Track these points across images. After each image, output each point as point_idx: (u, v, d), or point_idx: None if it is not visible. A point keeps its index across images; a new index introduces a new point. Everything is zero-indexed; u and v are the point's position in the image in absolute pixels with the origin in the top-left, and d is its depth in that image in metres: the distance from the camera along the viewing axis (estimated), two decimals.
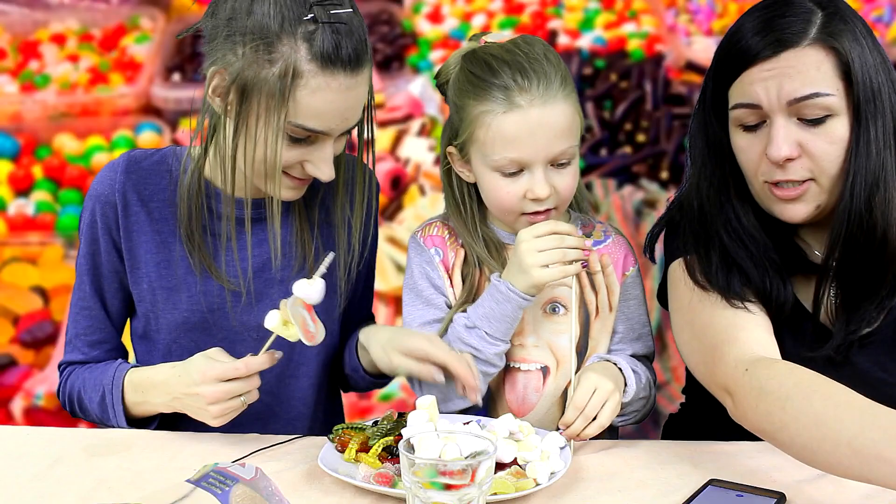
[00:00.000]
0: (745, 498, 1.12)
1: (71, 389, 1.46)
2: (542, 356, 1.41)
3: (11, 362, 2.97)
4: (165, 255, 1.41)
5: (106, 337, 1.46)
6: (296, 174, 1.32)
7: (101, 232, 1.41)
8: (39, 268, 3.09)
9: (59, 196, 3.18)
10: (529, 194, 1.33)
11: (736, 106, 1.26)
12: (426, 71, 3.25)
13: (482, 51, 1.37)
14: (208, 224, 1.40)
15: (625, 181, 3.10)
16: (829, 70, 1.21)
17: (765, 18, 1.25)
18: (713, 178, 1.34)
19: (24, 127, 3.23)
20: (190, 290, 1.41)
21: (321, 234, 1.45)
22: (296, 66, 1.22)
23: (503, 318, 1.32)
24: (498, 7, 3.41)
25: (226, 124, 1.31)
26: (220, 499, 0.91)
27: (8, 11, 3.33)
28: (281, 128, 1.25)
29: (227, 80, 1.26)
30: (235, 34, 1.24)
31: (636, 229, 3.02)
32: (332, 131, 1.28)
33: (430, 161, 3.07)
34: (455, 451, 1.01)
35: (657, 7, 3.35)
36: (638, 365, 1.41)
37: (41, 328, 3.01)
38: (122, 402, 1.37)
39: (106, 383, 1.39)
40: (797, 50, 1.21)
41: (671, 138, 3.12)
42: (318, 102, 1.24)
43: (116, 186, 1.40)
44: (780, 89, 1.21)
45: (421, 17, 3.40)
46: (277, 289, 1.43)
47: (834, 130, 1.23)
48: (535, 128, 1.30)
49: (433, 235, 1.46)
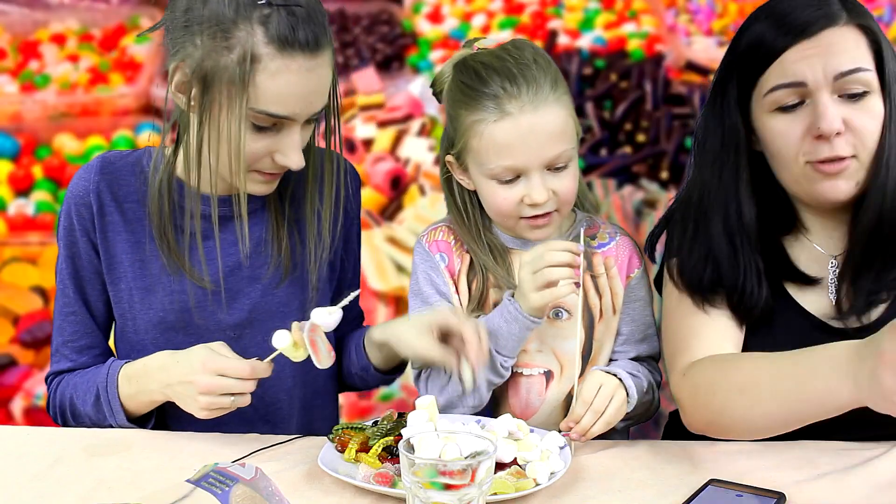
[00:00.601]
0: (744, 498, 1.12)
1: (62, 398, 1.44)
2: (545, 361, 1.41)
3: (11, 362, 2.97)
4: (140, 255, 1.41)
5: (93, 342, 1.46)
6: (265, 168, 1.31)
7: (80, 234, 1.41)
8: (39, 268, 3.09)
9: (59, 196, 3.18)
10: (527, 199, 1.33)
11: (775, 88, 1.28)
12: (426, 71, 3.25)
13: (472, 59, 1.37)
14: (180, 223, 1.39)
15: (625, 181, 3.10)
16: (865, 48, 1.27)
17: (787, 8, 1.29)
18: (724, 170, 1.35)
19: (24, 127, 3.23)
20: (165, 290, 1.40)
21: (296, 229, 1.45)
22: (253, 50, 1.22)
23: (510, 336, 1.33)
24: (498, 7, 3.41)
25: (191, 120, 1.30)
26: (220, 499, 0.91)
27: (8, 11, 3.33)
28: (244, 115, 1.24)
29: (188, 73, 1.26)
30: (193, 24, 1.24)
31: (636, 229, 3.02)
32: (297, 116, 1.27)
33: (430, 161, 3.07)
34: (455, 451, 1.01)
35: (657, 7, 3.35)
36: (639, 369, 1.41)
37: (41, 328, 3.01)
38: (118, 397, 1.37)
39: (100, 382, 1.38)
40: (837, 28, 1.26)
41: (671, 138, 3.12)
42: (279, 86, 1.24)
43: (91, 187, 1.40)
44: (825, 65, 1.25)
45: (421, 17, 3.40)
46: (252, 286, 1.42)
47: (873, 106, 1.27)
48: (528, 134, 1.30)
49: (438, 241, 1.46)
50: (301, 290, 1.45)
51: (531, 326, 1.33)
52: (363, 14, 3.38)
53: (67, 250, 1.43)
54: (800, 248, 1.39)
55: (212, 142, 1.28)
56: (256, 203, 1.43)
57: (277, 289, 1.43)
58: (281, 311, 1.43)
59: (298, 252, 1.44)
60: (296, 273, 1.44)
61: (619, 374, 1.35)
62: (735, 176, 1.35)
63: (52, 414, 1.48)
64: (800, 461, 1.25)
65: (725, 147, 1.35)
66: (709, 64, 3.13)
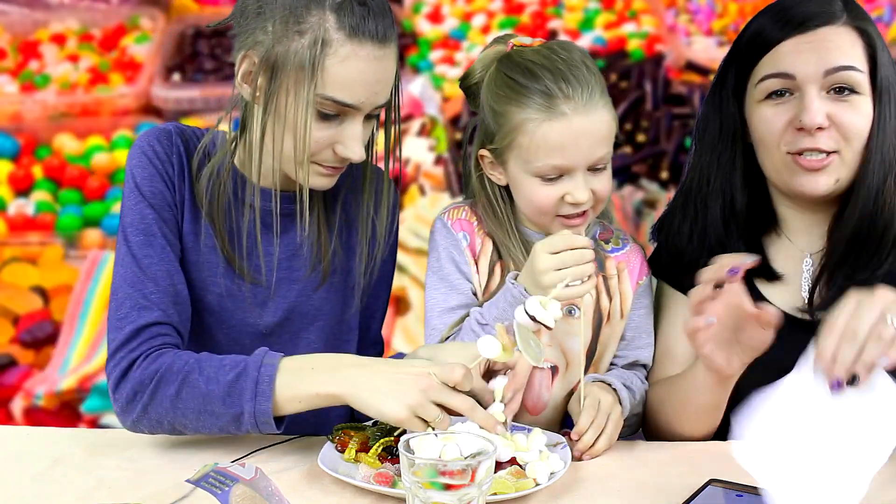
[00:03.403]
0: (744, 498, 1.12)
1: (168, 368, 1.23)
2: (553, 355, 1.41)
3: (11, 362, 2.97)
4: (196, 230, 1.37)
5: (183, 299, 1.33)
6: (326, 160, 1.31)
7: (166, 185, 1.35)
8: (39, 268, 3.10)
9: (59, 196, 3.18)
10: (569, 198, 1.34)
11: (767, 77, 1.32)
12: (426, 71, 3.25)
13: (519, 55, 1.37)
14: (234, 213, 1.37)
15: (625, 181, 3.10)
16: (859, 50, 1.30)
17: (791, 2, 1.33)
18: (722, 157, 1.40)
19: (24, 127, 3.24)
20: (210, 271, 1.37)
21: (340, 236, 1.43)
22: (325, 35, 1.24)
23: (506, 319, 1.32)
24: (498, 7, 3.41)
25: (255, 112, 1.31)
26: (220, 499, 0.91)
27: (8, 11, 3.34)
28: (311, 101, 1.25)
29: (257, 62, 1.27)
30: (265, 11, 1.26)
31: (636, 229, 3.02)
32: (362, 105, 1.28)
33: (431, 161, 3.07)
34: (455, 451, 1.01)
35: (657, 7, 3.35)
36: (633, 380, 1.41)
37: (41, 328, 3.01)
38: (273, 380, 1.20)
39: (251, 360, 1.22)
40: (834, 27, 1.29)
41: (671, 138, 3.12)
42: (348, 71, 1.25)
43: (174, 150, 1.37)
44: (817, 59, 1.28)
45: (421, 17, 3.40)
46: (289, 287, 1.41)
47: (861, 105, 1.29)
48: (579, 135, 1.31)
49: (461, 220, 1.45)
50: (339, 295, 1.43)
51: None
52: None
53: (153, 199, 1.33)
54: (778, 246, 1.42)
55: (276, 130, 1.28)
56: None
57: (315, 292, 1.42)
58: (315, 314, 1.43)
59: (340, 257, 1.43)
60: (335, 278, 1.43)
61: (613, 382, 1.36)
62: (731, 165, 1.40)
63: (128, 391, 1.24)
64: None
65: (723, 136, 1.40)
66: (709, 64, 3.13)
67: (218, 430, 1.23)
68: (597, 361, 1.44)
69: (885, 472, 1.19)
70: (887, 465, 1.21)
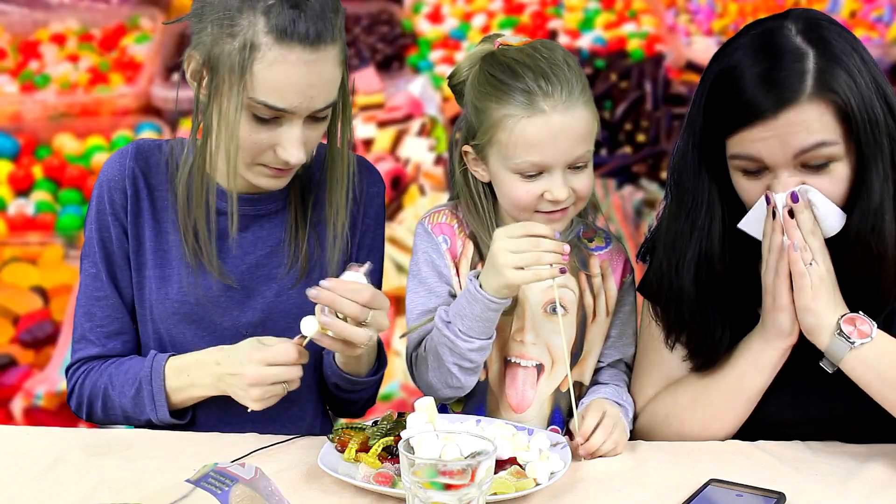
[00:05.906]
0: (744, 498, 1.13)
1: (92, 388, 1.41)
2: (538, 354, 1.42)
3: (11, 362, 2.97)
4: (162, 244, 1.41)
5: (123, 327, 1.44)
6: (269, 161, 1.32)
7: (112, 218, 1.41)
8: (39, 268, 3.09)
9: (59, 196, 3.18)
10: (548, 195, 1.34)
11: (737, 157, 1.26)
12: (426, 71, 3.25)
13: (502, 54, 1.37)
14: (206, 217, 1.39)
15: (625, 181, 3.10)
16: (830, 120, 1.20)
17: (760, 71, 1.22)
18: (698, 212, 1.33)
19: (24, 127, 3.24)
20: (181, 282, 1.40)
21: (315, 232, 1.45)
22: (253, 38, 1.24)
23: (474, 317, 1.32)
24: (498, 7, 3.41)
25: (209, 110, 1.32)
26: (220, 499, 0.91)
27: (8, 11, 3.34)
28: (242, 104, 1.25)
29: (200, 62, 1.28)
30: (205, 12, 1.27)
31: (636, 229, 3.02)
32: (297, 109, 1.27)
33: (431, 161, 3.07)
34: (455, 451, 1.01)
35: (657, 7, 3.35)
36: (626, 400, 1.41)
37: (41, 328, 3.01)
38: (163, 390, 1.35)
39: (143, 374, 1.36)
40: (797, 107, 1.20)
41: (671, 138, 3.12)
42: (276, 76, 1.24)
43: (126, 172, 1.40)
44: (784, 146, 1.21)
45: (421, 17, 3.40)
46: (268, 286, 1.43)
47: (836, 172, 1.23)
48: (558, 133, 1.31)
49: (442, 223, 1.46)
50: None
51: (492, 307, 1.32)
52: (363, 14, 3.39)
53: (99, 234, 1.42)
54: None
55: (220, 132, 1.29)
56: (277, 204, 1.43)
57: (293, 290, 1.43)
58: (295, 311, 1.43)
59: (317, 255, 1.45)
60: (313, 275, 1.44)
61: (617, 399, 1.38)
62: (709, 220, 1.32)
63: (74, 405, 1.45)
64: (800, 461, 1.25)
65: (700, 190, 1.33)
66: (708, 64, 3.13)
67: (145, 424, 1.40)
68: (583, 360, 1.44)
69: (885, 473, 1.20)
70: (887, 467, 1.22)
